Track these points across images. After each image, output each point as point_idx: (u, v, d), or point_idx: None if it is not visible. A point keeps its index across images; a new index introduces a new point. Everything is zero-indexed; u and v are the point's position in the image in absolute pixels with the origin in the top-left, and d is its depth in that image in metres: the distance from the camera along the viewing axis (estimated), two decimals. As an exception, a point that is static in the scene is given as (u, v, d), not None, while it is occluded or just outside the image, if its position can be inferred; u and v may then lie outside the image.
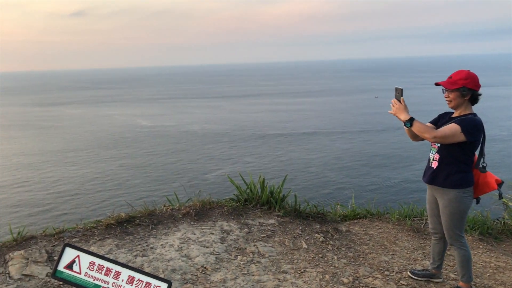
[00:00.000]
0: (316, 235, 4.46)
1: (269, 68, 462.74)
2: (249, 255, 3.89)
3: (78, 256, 3.14)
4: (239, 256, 3.87)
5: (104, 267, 3.10)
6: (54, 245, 3.98)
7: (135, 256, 3.78)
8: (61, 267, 3.12)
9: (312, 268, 3.77)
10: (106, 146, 57.28)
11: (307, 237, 4.39)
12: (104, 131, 69.68)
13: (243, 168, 41.70)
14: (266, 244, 4.15)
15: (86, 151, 54.60)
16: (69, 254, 3.14)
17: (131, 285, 3.04)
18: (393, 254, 4.30)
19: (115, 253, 3.83)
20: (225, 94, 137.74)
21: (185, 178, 40.64)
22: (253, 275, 3.56)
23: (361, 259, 4.11)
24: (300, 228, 4.56)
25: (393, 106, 3.39)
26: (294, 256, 3.97)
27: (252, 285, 3.41)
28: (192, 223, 4.49)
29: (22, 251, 3.78)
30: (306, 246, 4.18)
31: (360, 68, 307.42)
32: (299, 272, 3.69)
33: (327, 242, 4.34)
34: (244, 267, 3.67)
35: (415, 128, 3.23)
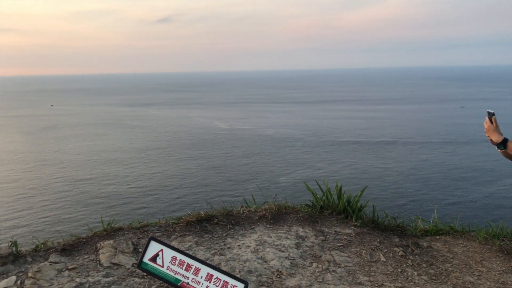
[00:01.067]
0: (395, 248, 4.29)
1: (347, 74, 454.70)
2: (324, 263, 3.85)
3: (161, 250, 3.31)
4: (314, 263, 3.84)
5: (185, 262, 3.24)
6: (139, 238, 4.24)
7: (213, 254, 3.91)
8: (146, 259, 3.32)
9: (391, 283, 3.64)
10: (185, 146, 59.84)
11: (386, 250, 4.24)
12: (184, 132, 72.88)
13: (315, 174, 41.36)
14: (342, 253, 4.07)
15: (166, 149, 57.45)
16: (154, 247, 3.33)
17: (209, 283, 3.14)
18: (479, 275, 4.02)
19: (194, 250, 3.99)
20: (301, 99, 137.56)
21: (257, 181, 41.19)
22: (328, 284, 3.52)
23: (443, 277, 3.89)
24: (378, 240, 4.43)
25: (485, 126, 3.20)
26: (372, 269, 3.86)
27: (327, 294, 3.37)
28: (268, 226, 4.54)
29: (111, 241, 4.06)
30: (384, 259, 4.05)
31: (446, 76, 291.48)
32: (376, 285, 3.58)
33: (407, 257, 4.16)
34: (319, 275, 3.64)
35: (511, 149, 3.01)
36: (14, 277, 3.51)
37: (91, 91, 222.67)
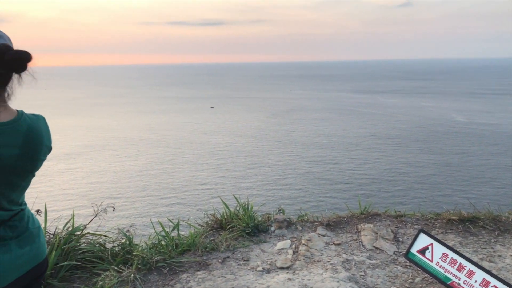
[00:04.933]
0: None
1: None
2: None
3: (431, 244, 3.25)
4: None
5: (457, 262, 3.10)
6: (398, 227, 4.27)
7: (481, 259, 3.63)
8: (414, 250, 3.32)
9: None
10: (414, 137, 57.05)
11: None
12: (415, 122, 69.43)
13: None
14: None
15: (394, 139, 55.98)
16: (423, 240, 3.29)
17: (485, 289, 2.93)
18: None
19: (459, 250, 3.78)
20: None
21: (498, 184, 36.24)
22: None
23: None
24: None
25: None
26: None
27: None
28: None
29: (371, 225, 4.22)
30: None
31: None
32: None
33: None
34: None
35: None
36: (289, 241, 4.03)
37: (327, 77, 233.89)
